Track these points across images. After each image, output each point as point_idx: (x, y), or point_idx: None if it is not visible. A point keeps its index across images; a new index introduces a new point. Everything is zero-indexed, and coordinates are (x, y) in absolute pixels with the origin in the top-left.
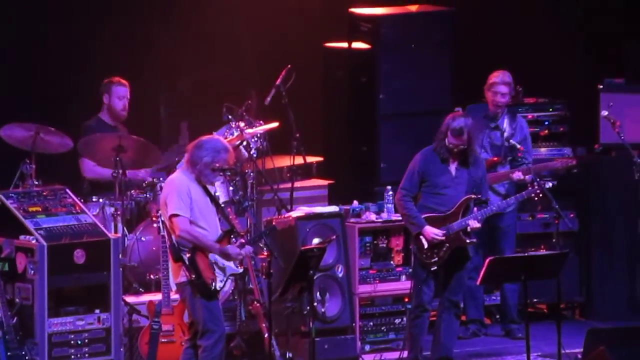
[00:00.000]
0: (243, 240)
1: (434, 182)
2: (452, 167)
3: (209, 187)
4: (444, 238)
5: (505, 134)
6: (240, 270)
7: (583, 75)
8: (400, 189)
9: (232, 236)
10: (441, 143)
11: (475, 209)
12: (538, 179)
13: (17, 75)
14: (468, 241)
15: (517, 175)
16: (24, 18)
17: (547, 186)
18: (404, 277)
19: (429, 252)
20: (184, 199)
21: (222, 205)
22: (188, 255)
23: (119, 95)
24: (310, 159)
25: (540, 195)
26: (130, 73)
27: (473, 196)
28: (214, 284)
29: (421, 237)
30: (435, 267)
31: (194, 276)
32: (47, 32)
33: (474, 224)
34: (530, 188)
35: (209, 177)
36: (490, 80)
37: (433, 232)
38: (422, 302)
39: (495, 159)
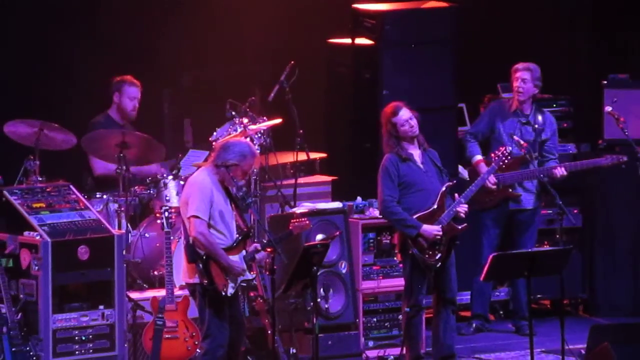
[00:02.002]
0: (258, 246)
1: (410, 182)
2: (419, 162)
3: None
4: (442, 233)
5: (536, 134)
6: (253, 276)
7: (587, 71)
8: (384, 196)
9: (247, 241)
10: (394, 141)
11: (456, 194)
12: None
13: (21, 72)
14: (460, 227)
15: (560, 171)
16: (27, 13)
17: (507, 151)
18: None
19: (430, 251)
20: (205, 203)
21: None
22: (203, 258)
23: (130, 95)
24: (314, 155)
25: (509, 158)
26: (133, 69)
27: (449, 183)
28: (225, 289)
29: (419, 238)
30: (439, 264)
31: (206, 282)
32: (51, 28)
33: (463, 208)
34: (496, 158)
35: (231, 180)
36: (513, 67)
37: (434, 230)
38: (417, 302)
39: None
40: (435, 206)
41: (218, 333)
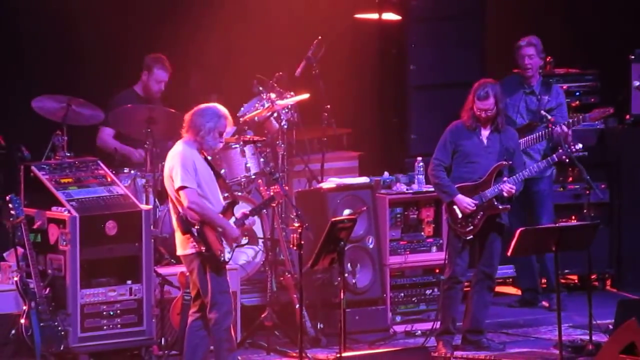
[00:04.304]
0: (246, 212)
1: (466, 152)
2: (484, 137)
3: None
4: (474, 208)
5: (540, 103)
6: (246, 241)
7: (614, 45)
8: (433, 159)
9: (234, 208)
10: (469, 112)
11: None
12: (567, 144)
13: (48, 47)
14: (501, 207)
15: (560, 128)
16: None
17: (577, 147)
18: (434, 248)
19: (463, 222)
20: (190, 171)
21: (254, 176)
22: (197, 227)
23: (158, 79)
24: (341, 131)
25: (568, 158)
26: (160, 45)
27: (504, 163)
28: (222, 255)
29: (454, 207)
30: (471, 237)
31: (203, 248)
32: (79, 4)
33: (509, 188)
34: (561, 150)
35: (210, 143)
36: (516, 44)
37: (466, 201)
38: (455, 274)
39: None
40: (481, 180)
41: (224, 300)
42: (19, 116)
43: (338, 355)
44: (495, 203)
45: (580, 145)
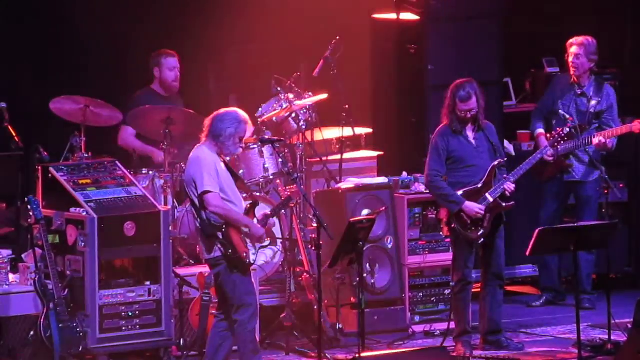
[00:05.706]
0: (268, 212)
1: (459, 157)
2: (470, 138)
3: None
4: (484, 212)
5: (589, 105)
6: (268, 242)
7: (632, 44)
8: (429, 170)
9: (256, 209)
10: (451, 116)
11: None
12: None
13: (66, 48)
14: (509, 205)
15: (598, 139)
16: None
17: (564, 132)
18: None
19: (473, 227)
20: (212, 175)
21: (272, 177)
22: (222, 229)
23: (170, 66)
24: (359, 131)
25: (565, 138)
26: (179, 45)
27: (499, 161)
28: (247, 257)
29: (462, 213)
30: (483, 240)
31: (230, 251)
32: (96, 4)
33: (510, 186)
34: (552, 139)
35: (230, 148)
36: (569, 42)
37: (476, 207)
38: (465, 276)
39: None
40: (482, 182)
41: (250, 301)
42: (37, 117)
43: (357, 355)
44: (501, 202)
45: (567, 129)
